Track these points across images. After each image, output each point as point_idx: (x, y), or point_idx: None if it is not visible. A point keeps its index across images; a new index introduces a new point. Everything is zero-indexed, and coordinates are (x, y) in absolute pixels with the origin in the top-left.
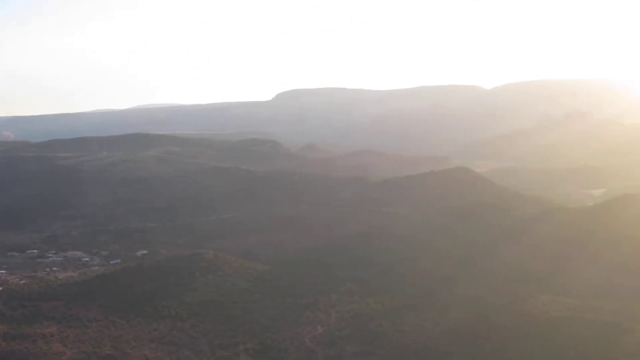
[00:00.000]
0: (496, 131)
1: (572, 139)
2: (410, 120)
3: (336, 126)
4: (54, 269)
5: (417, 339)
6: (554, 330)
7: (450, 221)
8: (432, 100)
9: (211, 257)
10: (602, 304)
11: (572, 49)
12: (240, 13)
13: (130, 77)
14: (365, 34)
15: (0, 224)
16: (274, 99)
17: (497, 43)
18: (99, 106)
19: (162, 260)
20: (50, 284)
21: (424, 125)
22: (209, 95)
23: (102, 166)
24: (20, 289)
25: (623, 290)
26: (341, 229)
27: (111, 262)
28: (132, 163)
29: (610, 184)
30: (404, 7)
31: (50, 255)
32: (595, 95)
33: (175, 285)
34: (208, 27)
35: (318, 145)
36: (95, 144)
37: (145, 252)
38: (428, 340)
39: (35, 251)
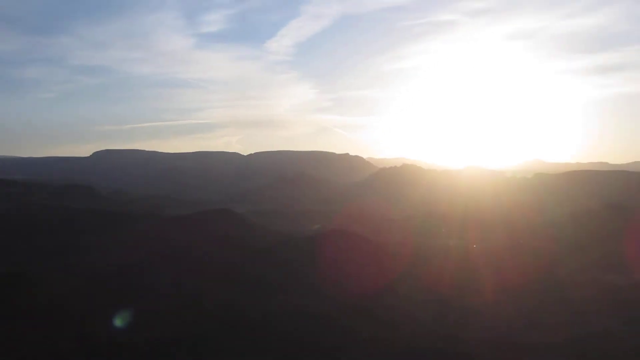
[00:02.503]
0: (249, 185)
1: (301, 192)
2: (186, 176)
3: (137, 179)
4: None
5: None
6: None
7: (209, 248)
8: (204, 161)
9: None
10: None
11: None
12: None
13: None
14: None
15: None
16: (91, 156)
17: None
18: None
19: None
20: None
21: (197, 180)
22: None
23: None
24: None
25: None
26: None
27: None
28: None
29: (323, 222)
30: None
31: None
32: (322, 162)
33: None
34: None
35: (125, 191)
36: None
37: None
38: None
39: None
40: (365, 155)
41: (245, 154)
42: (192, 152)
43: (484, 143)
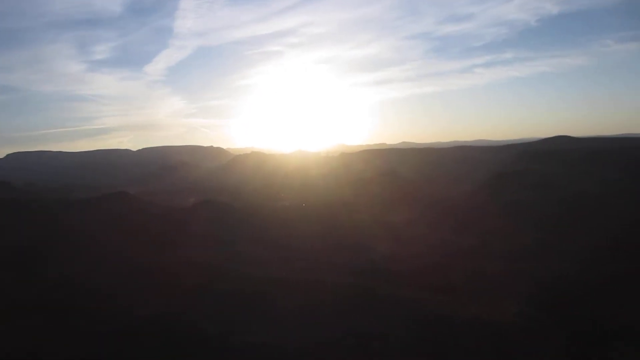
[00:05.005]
0: (139, 173)
1: (179, 175)
2: (88, 169)
3: (47, 174)
4: None
5: None
6: None
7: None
8: (102, 157)
9: None
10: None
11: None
12: None
13: None
14: None
15: None
16: (5, 157)
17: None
18: None
19: None
20: None
21: (97, 172)
22: None
23: None
24: None
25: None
26: None
27: None
28: None
29: (197, 195)
30: None
31: None
32: (193, 153)
33: None
34: None
35: (37, 183)
36: None
37: None
38: None
39: None
40: (224, 146)
41: (135, 150)
42: (92, 150)
43: (305, 133)
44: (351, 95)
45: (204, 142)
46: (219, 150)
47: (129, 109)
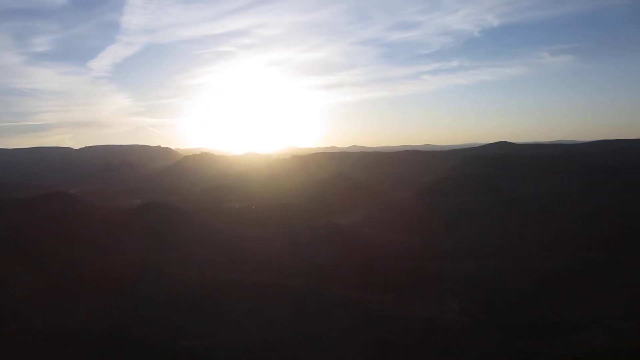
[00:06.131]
0: (81, 172)
1: (125, 176)
2: (25, 166)
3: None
4: None
5: None
6: None
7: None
8: (40, 155)
9: None
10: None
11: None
12: None
13: None
14: None
15: None
16: None
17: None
18: None
19: None
20: None
21: (35, 170)
22: None
23: None
24: None
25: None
26: None
27: None
28: None
29: (143, 196)
30: None
31: None
32: (139, 153)
33: None
34: None
35: None
36: None
37: None
38: None
39: None
40: (173, 147)
41: (76, 148)
42: (29, 148)
43: (256, 135)
44: (302, 98)
45: (152, 142)
46: (166, 151)
47: (70, 105)
